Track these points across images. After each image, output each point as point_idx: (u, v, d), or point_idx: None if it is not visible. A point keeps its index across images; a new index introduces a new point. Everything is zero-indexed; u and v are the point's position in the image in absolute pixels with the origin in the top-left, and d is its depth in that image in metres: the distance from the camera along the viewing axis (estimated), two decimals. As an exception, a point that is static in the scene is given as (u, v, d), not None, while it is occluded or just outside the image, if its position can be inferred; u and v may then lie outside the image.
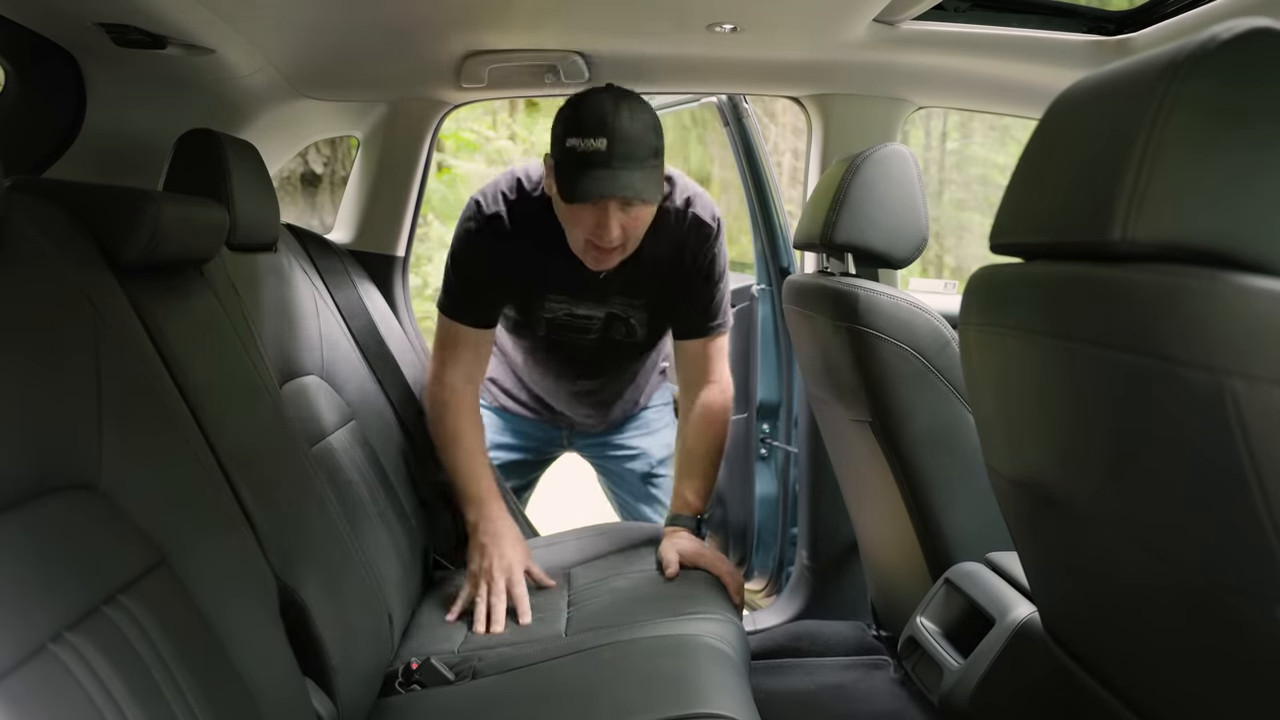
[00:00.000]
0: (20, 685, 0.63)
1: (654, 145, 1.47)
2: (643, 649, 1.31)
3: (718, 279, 1.74)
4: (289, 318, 1.64)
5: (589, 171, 1.42)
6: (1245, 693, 0.66)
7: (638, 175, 1.44)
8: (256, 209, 1.55)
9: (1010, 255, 0.77)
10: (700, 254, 1.70)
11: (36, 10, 1.34)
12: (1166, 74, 0.57)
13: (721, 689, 1.19)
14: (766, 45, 1.73)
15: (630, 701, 1.18)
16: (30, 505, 0.73)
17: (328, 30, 1.56)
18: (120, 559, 0.79)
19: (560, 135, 1.47)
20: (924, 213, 1.55)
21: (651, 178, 1.48)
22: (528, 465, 2.12)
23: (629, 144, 1.44)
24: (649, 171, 1.46)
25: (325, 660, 1.12)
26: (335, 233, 2.36)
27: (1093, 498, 0.73)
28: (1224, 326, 0.52)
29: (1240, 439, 0.51)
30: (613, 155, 1.42)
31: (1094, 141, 0.64)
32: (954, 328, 1.28)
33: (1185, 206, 0.56)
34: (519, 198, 1.66)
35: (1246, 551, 0.56)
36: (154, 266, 1.10)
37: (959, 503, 1.41)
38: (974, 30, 1.68)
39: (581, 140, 1.43)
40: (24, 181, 1.12)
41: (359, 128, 2.28)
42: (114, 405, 0.86)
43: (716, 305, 1.75)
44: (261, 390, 1.30)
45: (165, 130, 1.53)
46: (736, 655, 1.35)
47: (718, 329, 1.77)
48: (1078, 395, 0.68)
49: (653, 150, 1.47)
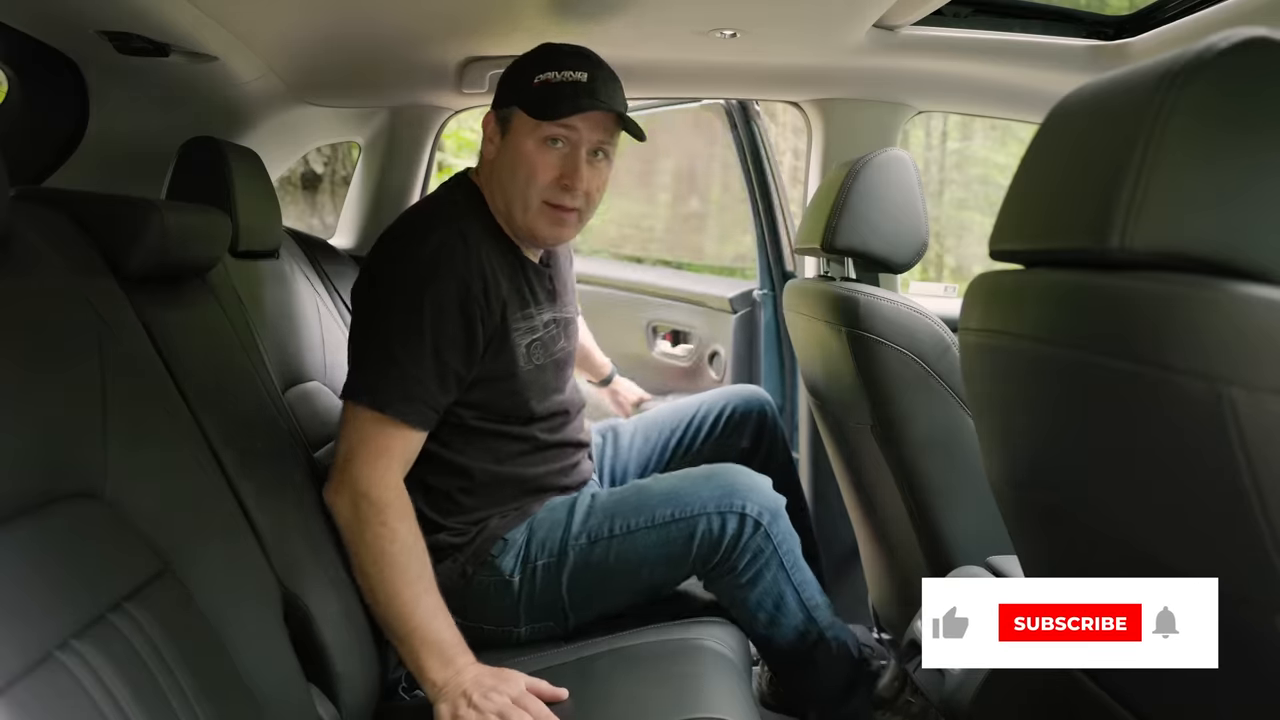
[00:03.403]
0: (27, 693, 0.63)
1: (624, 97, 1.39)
2: (644, 653, 1.31)
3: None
4: (292, 323, 1.64)
5: (573, 94, 1.31)
6: (1245, 700, 0.66)
7: (621, 106, 1.36)
8: (259, 216, 1.56)
9: (1010, 262, 0.78)
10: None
11: (40, 18, 1.34)
12: (1165, 83, 0.57)
13: (722, 693, 1.20)
14: (767, 51, 1.74)
15: (632, 706, 1.18)
16: (36, 514, 0.73)
17: (329, 37, 1.56)
18: (125, 567, 0.80)
19: (527, 73, 1.34)
20: (924, 217, 1.55)
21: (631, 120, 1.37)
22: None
23: (611, 81, 1.36)
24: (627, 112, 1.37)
25: (329, 666, 1.12)
26: (337, 237, 2.36)
27: (1091, 505, 0.73)
28: (1222, 335, 0.52)
29: (1239, 448, 0.52)
30: (595, 87, 1.33)
31: (1092, 150, 0.64)
32: (954, 332, 1.29)
33: (1184, 215, 0.56)
34: (450, 198, 1.43)
35: (1245, 560, 0.56)
36: (158, 275, 1.10)
37: (959, 507, 1.42)
38: (973, 35, 1.69)
39: (559, 72, 1.31)
40: (28, 191, 1.12)
41: (360, 133, 2.29)
42: (118, 414, 0.86)
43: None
44: (264, 396, 1.30)
45: (168, 137, 1.54)
46: (737, 659, 1.35)
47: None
48: (1076, 403, 0.68)
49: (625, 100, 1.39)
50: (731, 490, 1.35)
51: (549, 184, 1.34)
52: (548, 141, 1.33)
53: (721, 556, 1.34)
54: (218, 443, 1.08)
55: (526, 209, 1.35)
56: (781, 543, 1.36)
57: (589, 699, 1.21)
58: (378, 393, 1.26)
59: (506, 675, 1.20)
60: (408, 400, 1.26)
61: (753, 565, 1.35)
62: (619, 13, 1.53)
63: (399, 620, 1.21)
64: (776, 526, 1.35)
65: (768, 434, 1.73)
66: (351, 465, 1.24)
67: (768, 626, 1.39)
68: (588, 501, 1.41)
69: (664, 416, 1.79)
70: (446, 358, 1.27)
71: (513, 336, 1.36)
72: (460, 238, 1.31)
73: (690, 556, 1.34)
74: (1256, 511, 0.53)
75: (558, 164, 1.34)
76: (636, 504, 1.38)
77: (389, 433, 1.26)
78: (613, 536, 1.36)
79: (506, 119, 1.37)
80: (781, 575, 1.37)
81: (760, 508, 1.34)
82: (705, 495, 1.35)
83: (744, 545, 1.33)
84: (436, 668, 1.19)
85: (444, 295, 1.27)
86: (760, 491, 1.36)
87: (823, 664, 1.42)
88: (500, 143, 1.37)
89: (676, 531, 1.34)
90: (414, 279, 1.28)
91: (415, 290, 1.27)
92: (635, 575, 1.36)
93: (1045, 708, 0.98)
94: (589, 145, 1.34)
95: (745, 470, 1.40)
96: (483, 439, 1.39)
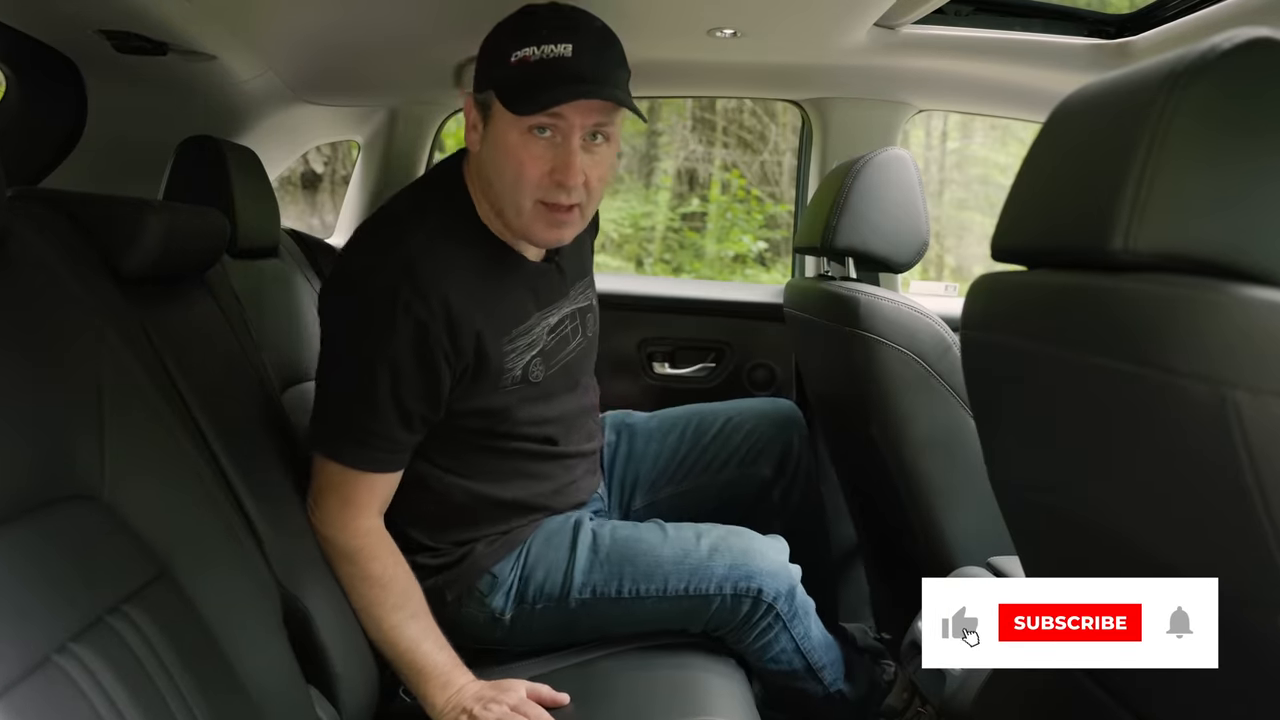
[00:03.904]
0: (25, 697, 0.63)
1: (624, 59, 1.19)
2: (645, 656, 1.31)
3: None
4: (291, 323, 1.64)
5: (554, 77, 1.11)
6: (1246, 699, 0.66)
7: (614, 82, 1.15)
8: (257, 215, 1.55)
9: (1011, 262, 0.77)
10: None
11: (38, 17, 1.34)
12: (1167, 84, 0.57)
13: (723, 694, 1.20)
14: (767, 50, 1.74)
15: (632, 708, 1.18)
16: (33, 516, 0.73)
17: (328, 36, 1.56)
18: (123, 569, 0.80)
19: (503, 50, 1.14)
20: (925, 217, 1.55)
21: (627, 94, 1.17)
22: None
23: (603, 50, 1.15)
24: (625, 86, 1.18)
25: (329, 668, 1.12)
26: (336, 237, 2.36)
27: (1093, 506, 0.73)
28: (1225, 337, 0.52)
29: (1242, 450, 0.51)
30: (582, 63, 1.11)
31: (1095, 151, 0.64)
32: (955, 331, 1.29)
33: (1186, 216, 0.56)
34: (424, 204, 1.27)
35: (1248, 561, 0.56)
36: (156, 275, 1.10)
37: (960, 507, 1.41)
38: (974, 34, 1.69)
39: (539, 48, 1.10)
40: (26, 191, 1.12)
41: (360, 132, 2.28)
42: (116, 415, 0.86)
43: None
44: (263, 396, 1.30)
45: (166, 136, 1.54)
46: (738, 659, 1.35)
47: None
48: (1078, 404, 0.68)
49: (625, 63, 1.19)
50: (747, 572, 1.30)
51: (540, 180, 1.16)
52: (534, 131, 1.14)
53: (732, 630, 1.33)
54: (216, 444, 1.08)
55: (519, 212, 1.18)
56: (793, 619, 1.34)
57: (589, 701, 1.21)
58: (336, 445, 1.20)
59: (506, 685, 1.19)
60: (367, 449, 1.19)
61: (763, 637, 1.34)
62: (619, 13, 1.53)
63: (388, 647, 1.21)
64: (790, 605, 1.33)
65: (792, 463, 1.61)
66: (318, 510, 1.21)
67: (774, 677, 1.39)
68: (589, 540, 1.33)
69: (685, 420, 1.64)
70: (408, 405, 1.18)
71: (499, 362, 1.23)
72: (422, 264, 1.16)
73: (700, 627, 1.33)
74: (1260, 512, 0.52)
75: (548, 156, 1.15)
76: (648, 568, 1.30)
77: (352, 482, 1.20)
78: (619, 597, 1.30)
79: (486, 104, 1.18)
80: (791, 645, 1.35)
81: (776, 591, 1.30)
82: (720, 573, 1.29)
83: (756, 622, 1.33)
84: (435, 692, 1.18)
85: (398, 345, 1.14)
86: (775, 575, 1.31)
87: (826, 713, 1.42)
88: (483, 133, 1.19)
89: (688, 605, 1.30)
90: (368, 325, 1.15)
91: (368, 338, 1.15)
92: (640, 631, 1.35)
93: (1046, 709, 0.98)
94: (582, 130, 1.15)
95: (759, 540, 1.35)
96: (468, 456, 1.30)
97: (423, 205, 1.26)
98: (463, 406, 1.24)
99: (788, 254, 4.53)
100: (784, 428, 1.62)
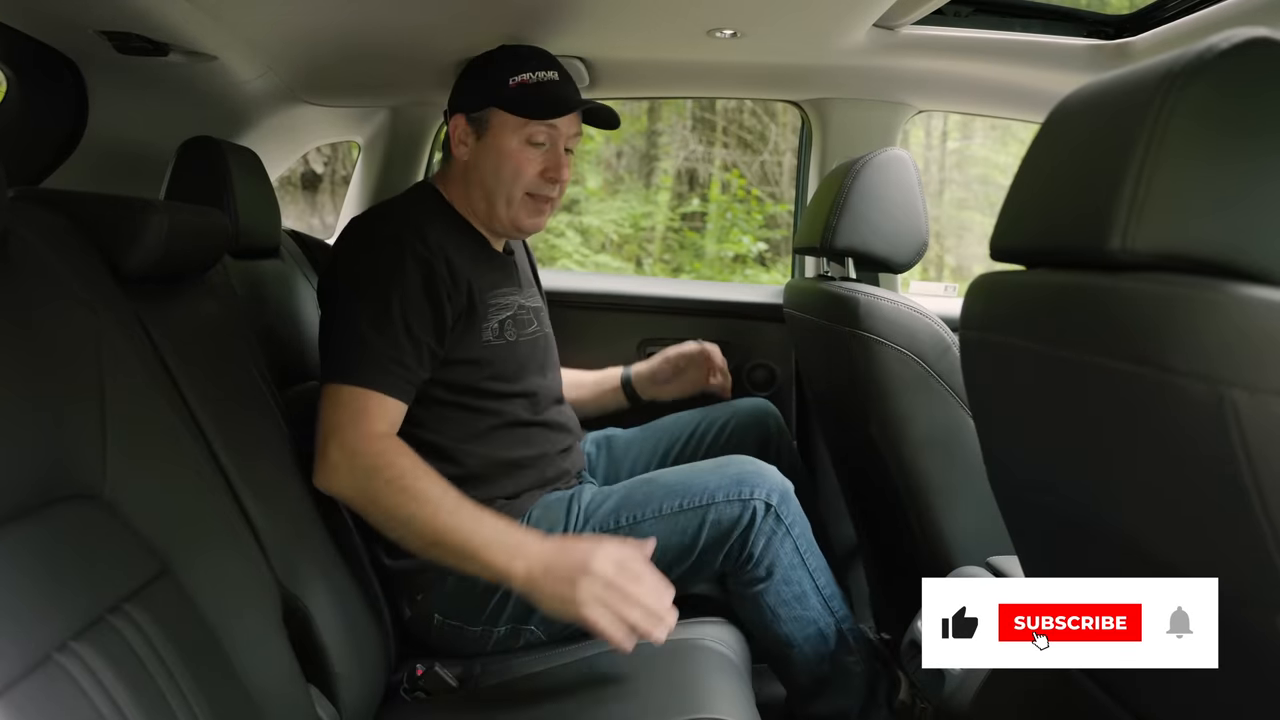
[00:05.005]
0: (25, 696, 0.63)
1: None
2: (644, 654, 1.31)
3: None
4: (291, 323, 1.64)
5: (554, 95, 1.43)
6: (1247, 700, 0.66)
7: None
8: (258, 216, 1.55)
9: (1011, 262, 0.77)
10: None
11: (39, 18, 1.34)
12: (1165, 83, 0.57)
13: (723, 693, 1.20)
14: (766, 51, 1.74)
15: (633, 707, 1.18)
16: (34, 515, 0.73)
17: (329, 36, 1.56)
18: (124, 568, 0.80)
19: (499, 76, 1.43)
20: (924, 217, 1.55)
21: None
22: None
23: (572, 81, 1.49)
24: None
25: (329, 667, 1.12)
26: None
27: (1092, 505, 0.73)
28: (1224, 337, 0.52)
29: (1240, 450, 0.52)
30: (568, 85, 1.47)
31: (1093, 150, 0.64)
32: (954, 331, 1.29)
33: (1185, 216, 0.56)
34: (407, 198, 1.51)
35: (1247, 561, 0.56)
36: (157, 275, 1.10)
37: (960, 507, 1.42)
38: (973, 35, 1.69)
39: (534, 74, 1.43)
40: (27, 191, 1.12)
41: (360, 133, 2.28)
42: (117, 414, 0.86)
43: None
44: (264, 396, 1.30)
45: (167, 137, 1.54)
46: (738, 659, 1.35)
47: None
48: (1077, 404, 0.68)
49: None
50: (740, 478, 1.36)
51: (534, 177, 1.43)
52: (531, 138, 1.42)
53: (734, 545, 1.34)
54: (217, 443, 1.08)
55: (510, 203, 1.44)
56: (793, 524, 1.36)
57: (589, 699, 1.21)
58: (351, 370, 1.26)
59: (596, 544, 1.17)
60: (383, 371, 1.27)
61: (768, 551, 1.34)
62: (619, 13, 1.54)
63: (450, 545, 1.18)
64: (787, 508, 1.36)
65: (772, 445, 1.69)
66: (333, 438, 1.23)
67: (790, 624, 1.38)
68: (588, 497, 1.41)
69: (663, 427, 1.75)
70: (418, 333, 1.30)
71: (483, 312, 1.40)
72: (419, 226, 1.36)
73: (699, 546, 1.34)
74: (1258, 511, 0.53)
75: (541, 159, 1.44)
76: (644, 496, 1.38)
77: (366, 400, 1.25)
78: (619, 528, 1.35)
79: (482, 120, 1.44)
80: (796, 560, 1.37)
81: (769, 490, 1.35)
82: (714, 485, 1.35)
83: (757, 531, 1.33)
84: (511, 561, 1.16)
85: (408, 277, 1.31)
86: (768, 477, 1.37)
87: (841, 679, 1.41)
88: (475, 144, 1.45)
89: (685, 521, 1.33)
90: (377, 266, 1.32)
91: (380, 276, 1.30)
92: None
93: (1045, 708, 0.98)
94: (567, 138, 1.45)
95: (753, 459, 1.41)
96: (459, 415, 1.39)
97: (410, 199, 1.50)
98: (452, 356, 1.37)
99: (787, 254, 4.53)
100: (759, 418, 1.72)
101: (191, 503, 0.96)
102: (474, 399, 1.40)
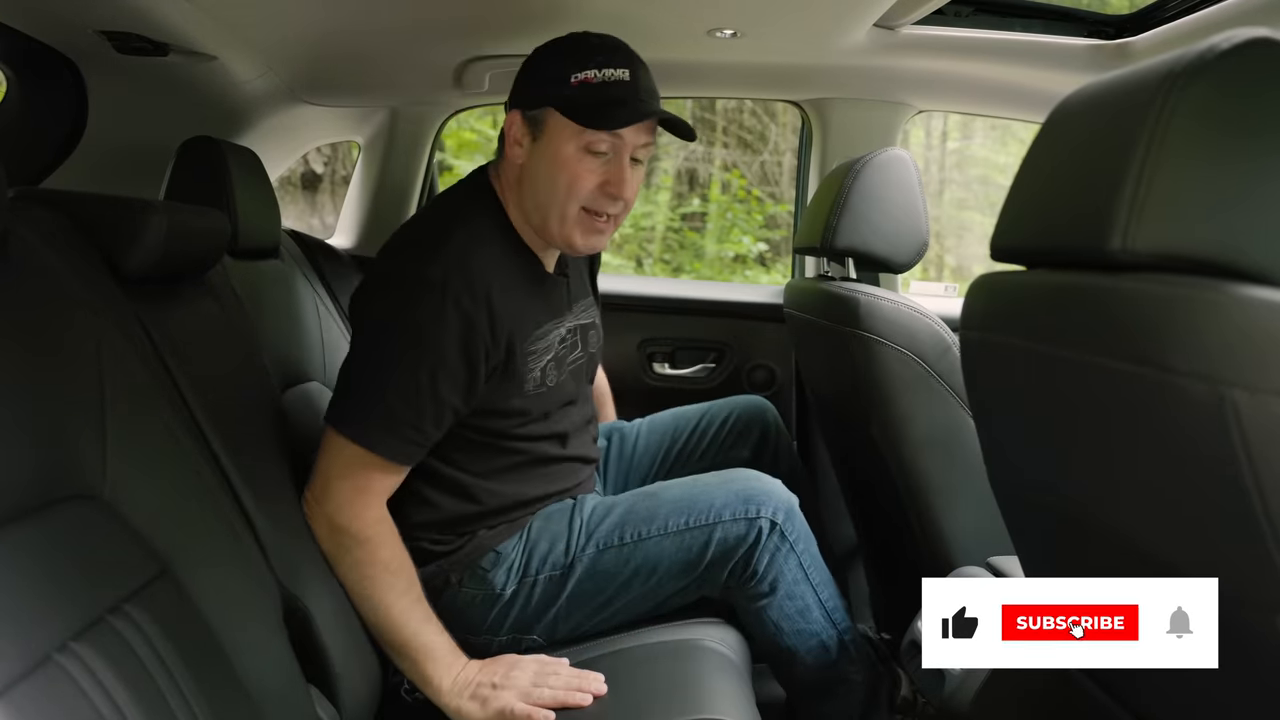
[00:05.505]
0: (25, 696, 0.63)
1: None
2: (644, 654, 1.31)
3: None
4: (291, 324, 1.64)
5: (618, 99, 1.22)
6: (1246, 700, 0.66)
7: (658, 106, 1.27)
8: (258, 216, 1.55)
9: (1011, 262, 0.77)
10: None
11: (39, 18, 1.34)
12: (1166, 84, 0.57)
13: (723, 693, 1.20)
14: (767, 51, 1.74)
15: (633, 707, 1.18)
16: (34, 515, 0.73)
17: (329, 37, 1.56)
18: (124, 568, 0.80)
19: (560, 70, 1.24)
20: (925, 217, 1.55)
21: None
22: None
23: (649, 75, 1.28)
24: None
25: (329, 667, 1.12)
26: (337, 237, 2.36)
27: (1092, 506, 0.73)
28: (1224, 337, 0.52)
29: (1241, 450, 0.52)
30: (639, 86, 1.24)
31: (1094, 150, 0.64)
32: (954, 332, 1.29)
33: (1185, 216, 0.56)
34: (462, 208, 1.33)
35: (1247, 561, 0.56)
36: (157, 276, 1.10)
37: (959, 506, 1.42)
38: (974, 35, 1.69)
39: (599, 71, 1.22)
40: (27, 192, 1.12)
41: (360, 133, 2.28)
42: (117, 415, 0.86)
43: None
44: (264, 397, 1.30)
45: (166, 137, 1.54)
46: (738, 659, 1.35)
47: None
48: (1077, 404, 0.68)
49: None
50: (746, 496, 1.33)
51: (591, 191, 1.26)
52: (591, 146, 1.24)
53: (739, 562, 1.32)
54: (217, 443, 1.08)
55: (564, 220, 1.27)
56: (798, 540, 1.35)
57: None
58: (364, 428, 1.20)
59: (509, 660, 1.24)
60: (396, 438, 1.20)
61: (771, 568, 1.33)
62: (619, 14, 1.53)
63: (394, 632, 1.22)
64: (792, 525, 1.34)
65: (771, 443, 1.70)
66: (329, 497, 1.21)
67: (793, 638, 1.37)
68: (590, 509, 1.37)
69: (668, 422, 1.76)
70: (445, 395, 1.21)
71: (522, 366, 1.29)
72: (465, 260, 1.22)
73: (704, 563, 1.32)
74: (1258, 511, 0.52)
75: (601, 171, 1.26)
76: (648, 511, 1.34)
77: (371, 469, 1.21)
78: (623, 544, 1.32)
79: (538, 120, 1.26)
80: (800, 575, 1.35)
81: (775, 508, 1.33)
82: (720, 502, 1.33)
83: (762, 548, 1.32)
84: (441, 672, 1.21)
85: (447, 333, 1.19)
86: (773, 494, 1.35)
87: (843, 687, 1.40)
88: (530, 146, 1.28)
89: (691, 539, 1.31)
90: (416, 312, 1.19)
91: (416, 326, 1.19)
92: (645, 584, 1.34)
93: (1045, 708, 0.98)
94: (633, 148, 1.27)
95: (757, 474, 1.39)
96: (485, 453, 1.33)
97: (461, 211, 1.32)
98: (484, 406, 1.28)
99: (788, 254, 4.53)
100: (758, 414, 1.71)
101: (191, 503, 0.96)
102: (503, 440, 1.34)
